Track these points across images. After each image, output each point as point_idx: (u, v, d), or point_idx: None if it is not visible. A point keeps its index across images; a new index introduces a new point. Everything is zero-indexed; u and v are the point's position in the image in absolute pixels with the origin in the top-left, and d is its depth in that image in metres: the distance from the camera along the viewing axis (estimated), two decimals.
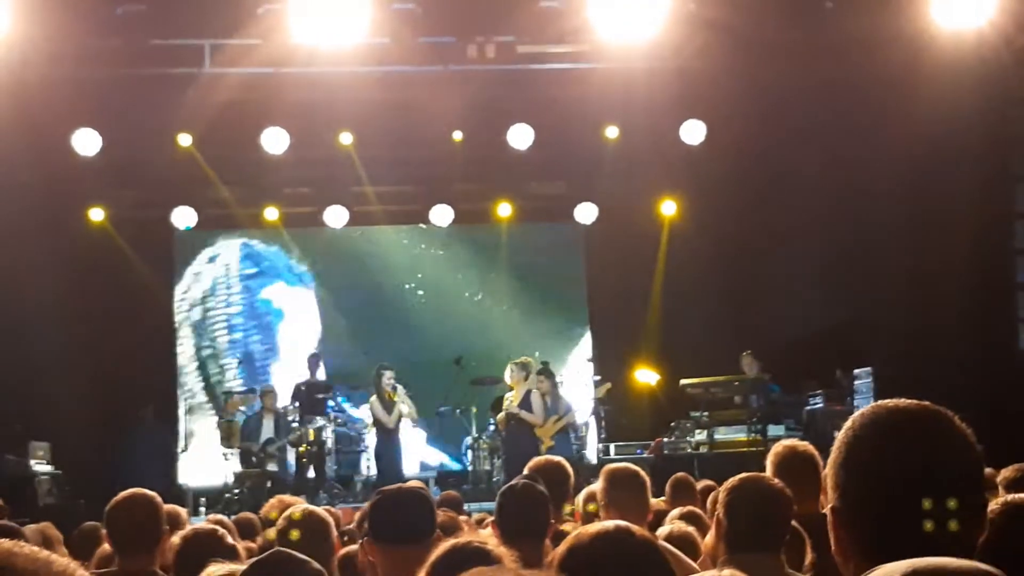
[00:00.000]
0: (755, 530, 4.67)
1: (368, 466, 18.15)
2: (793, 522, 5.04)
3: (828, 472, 2.37)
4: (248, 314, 20.79)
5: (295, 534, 5.45)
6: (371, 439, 17.98)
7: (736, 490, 4.81)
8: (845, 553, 2.33)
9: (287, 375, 19.72)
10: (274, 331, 20.86)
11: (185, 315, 20.55)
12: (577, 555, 2.97)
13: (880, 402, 2.37)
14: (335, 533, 5.24)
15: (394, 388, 17.09)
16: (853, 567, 2.31)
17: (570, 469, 6.85)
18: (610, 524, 3.07)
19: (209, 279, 20.68)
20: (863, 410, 2.37)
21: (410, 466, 18.56)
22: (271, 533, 6.32)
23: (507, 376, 16.71)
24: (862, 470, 2.30)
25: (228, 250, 20.73)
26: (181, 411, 19.95)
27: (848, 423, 2.36)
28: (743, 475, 4.94)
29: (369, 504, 4.77)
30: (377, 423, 17.22)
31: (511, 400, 16.59)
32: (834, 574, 4.78)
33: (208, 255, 20.65)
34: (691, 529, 6.14)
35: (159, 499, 5.77)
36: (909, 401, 2.35)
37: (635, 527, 3.10)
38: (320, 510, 5.50)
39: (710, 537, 5.00)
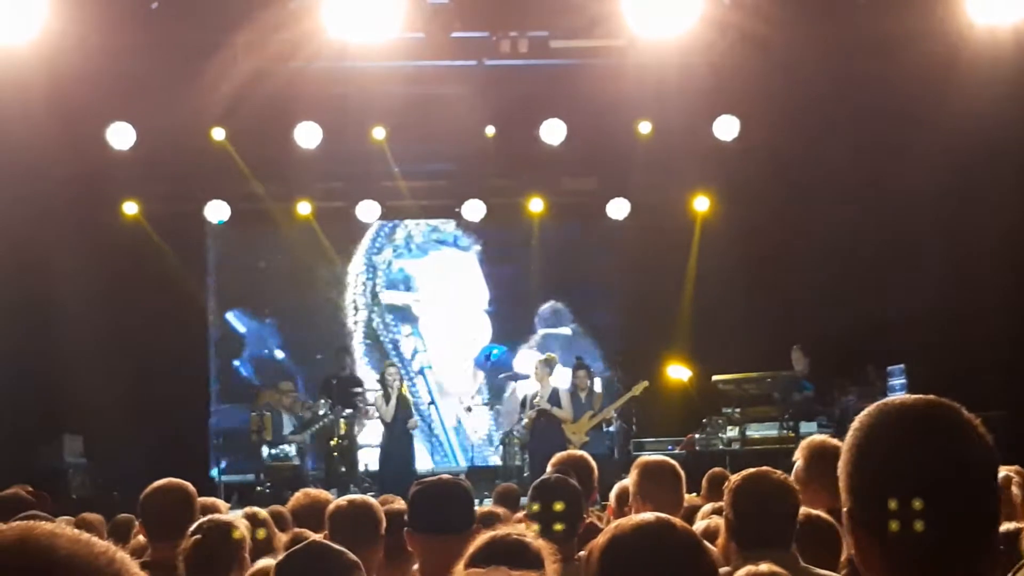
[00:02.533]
0: (762, 526, 4.66)
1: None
2: (829, 518, 5.02)
3: (840, 474, 2.33)
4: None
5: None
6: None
7: (740, 488, 4.80)
8: (865, 555, 2.29)
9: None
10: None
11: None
12: (618, 546, 2.96)
13: (886, 400, 2.34)
14: (383, 523, 5.25)
15: (398, 385, 17.22)
16: (876, 570, 2.28)
17: (593, 463, 6.85)
18: (651, 516, 3.06)
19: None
20: (868, 409, 2.33)
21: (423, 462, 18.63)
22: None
23: (532, 373, 16.75)
24: (870, 472, 2.27)
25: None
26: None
27: (855, 423, 2.32)
28: (746, 471, 4.92)
29: (410, 495, 4.79)
30: (380, 418, 17.39)
31: (540, 396, 16.61)
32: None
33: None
34: None
35: (192, 488, 5.84)
36: (916, 397, 2.32)
37: (676, 520, 3.09)
38: (373, 500, 5.53)
39: (721, 537, 4.98)
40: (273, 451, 17.47)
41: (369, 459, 18.05)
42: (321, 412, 17.63)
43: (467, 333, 20.07)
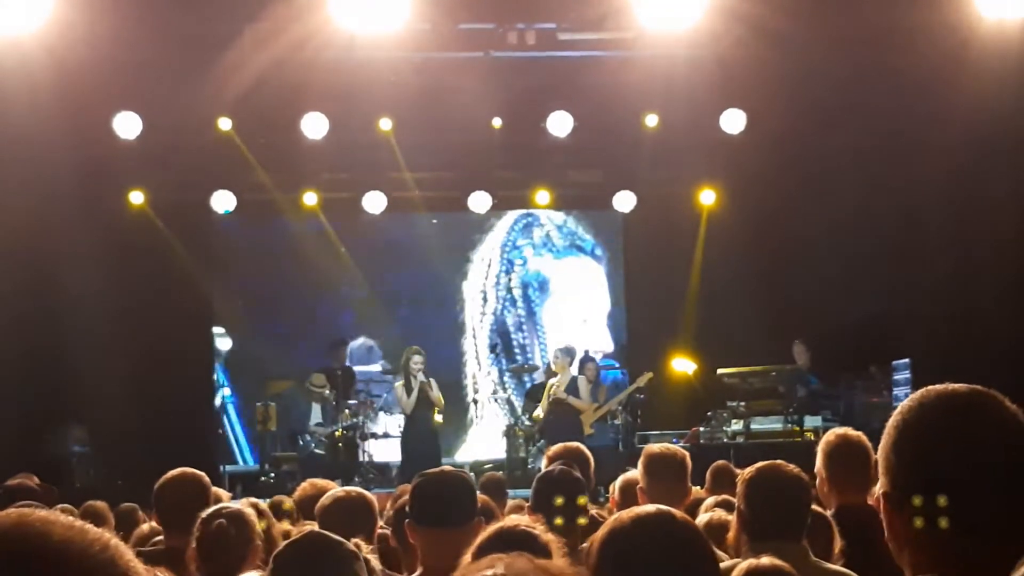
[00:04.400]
0: (775, 518, 4.65)
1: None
2: (823, 511, 5.02)
3: (879, 458, 2.36)
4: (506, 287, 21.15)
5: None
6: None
7: (754, 479, 4.79)
8: (899, 540, 2.30)
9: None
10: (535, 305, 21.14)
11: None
12: (617, 539, 2.95)
13: (929, 387, 2.35)
14: (377, 515, 5.25)
15: (425, 375, 17.01)
16: (908, 554, 2.29)
17: (590, 455, 6.84)
18: (651, 507, 3.05)
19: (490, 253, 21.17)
20: (913, 395, 2.36)
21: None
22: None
23: (551, 361, 16.67)
24: (912, 455, 2.28)
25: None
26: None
27: (898, 409, 2.35)
28: (760, 464, 4.91)
29: (411, 487, 4.78)
30: (401, 407, 17.22)
31: (557, 385, 16.55)
32: (868, 564, 4.77)
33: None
34: (730, 517, 6.10)
35: (207, 479, 5.88)
36: (959, 385, 2.34)
37: (676, 511, 3.08)
38: (364, 491, 5.53)
39: (732, 529, 4.97)
40: (301, 442, 17.53)
41: (381, 450, 18.06)
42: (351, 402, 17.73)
43: (584, 342, 19.99)
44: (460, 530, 4.47)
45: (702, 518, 6.19)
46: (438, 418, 17.18)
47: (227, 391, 20.13)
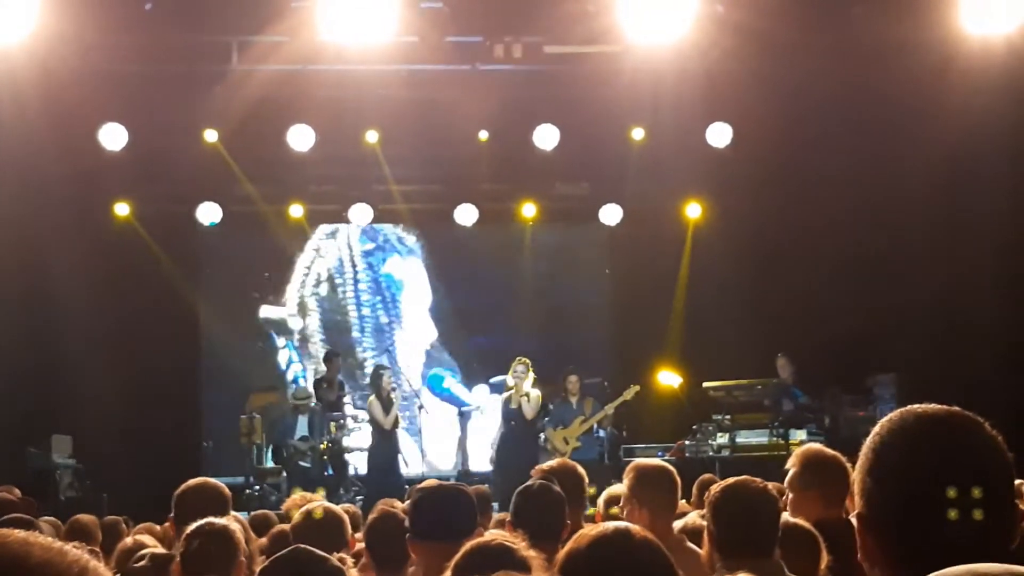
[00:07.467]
0: (745, 535, 4.64)
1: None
2: (809, 526, 5.02)
3: (855, 478, 2.35)
4: (373, 289, 21.07)
5: (318, 513, 5.48)
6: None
7: (721, 498, 4.78)
8: (872, 559, 2.30)
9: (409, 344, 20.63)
10: (398, 302, 21.08)
11: (312, 290, 20.89)
12: (576, 559, 2.95)
13: (908, 407, 2.34)
14: (349, 530, 5.25)
15: (394, 389, 17.00)
16: (879, 574, 2.30)
17: (583, 473, 6.84)
18: (610, 526, 3.05)
19: (334, 257, 21.00)
20: (890, 416, 2.34)
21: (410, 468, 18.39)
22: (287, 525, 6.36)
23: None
24: (888, 476, 2.27)
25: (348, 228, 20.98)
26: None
27: (875, 429, 2.34)
28: (726, 482, 4.90)
29: (411, 502, 4.79)
30: (374, 423, 17.02)
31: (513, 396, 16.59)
32: None
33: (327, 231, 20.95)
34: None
35: (227, 491, 5.94)
36: (937, 406, 2.32)
37: (635, 527, 3.07)
38: (335, 507, 5.53)
39: (705, 546, 4.97)
40: (286, 454, 17.48)
41: (358, 463, 18.00)
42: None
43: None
44: (460, 544, 4.49)
45: (676, 524, 6.18)
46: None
47: (299, 367, 20.41)
